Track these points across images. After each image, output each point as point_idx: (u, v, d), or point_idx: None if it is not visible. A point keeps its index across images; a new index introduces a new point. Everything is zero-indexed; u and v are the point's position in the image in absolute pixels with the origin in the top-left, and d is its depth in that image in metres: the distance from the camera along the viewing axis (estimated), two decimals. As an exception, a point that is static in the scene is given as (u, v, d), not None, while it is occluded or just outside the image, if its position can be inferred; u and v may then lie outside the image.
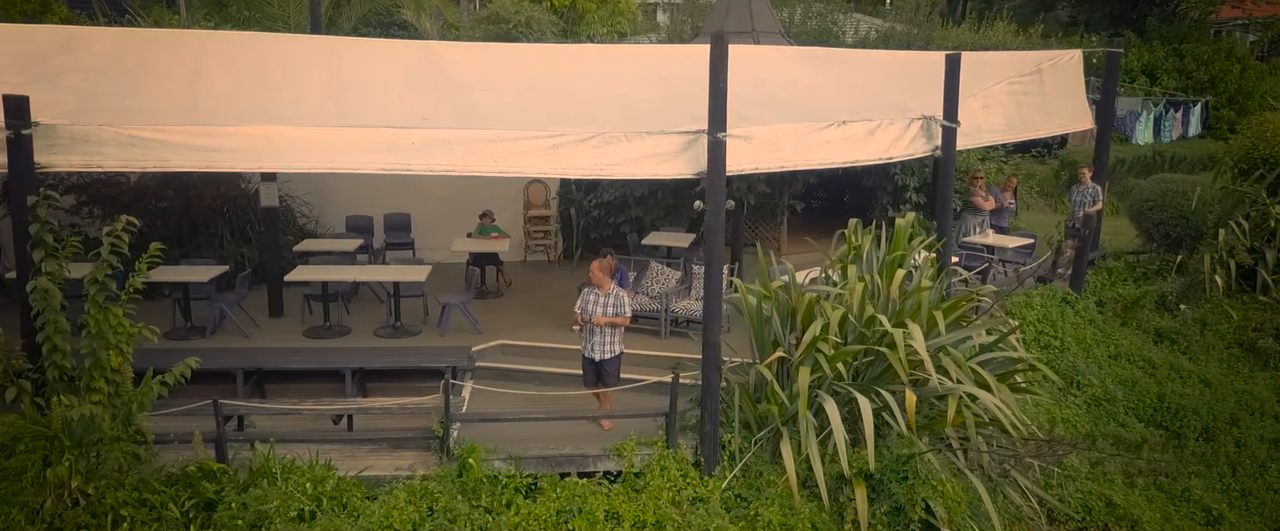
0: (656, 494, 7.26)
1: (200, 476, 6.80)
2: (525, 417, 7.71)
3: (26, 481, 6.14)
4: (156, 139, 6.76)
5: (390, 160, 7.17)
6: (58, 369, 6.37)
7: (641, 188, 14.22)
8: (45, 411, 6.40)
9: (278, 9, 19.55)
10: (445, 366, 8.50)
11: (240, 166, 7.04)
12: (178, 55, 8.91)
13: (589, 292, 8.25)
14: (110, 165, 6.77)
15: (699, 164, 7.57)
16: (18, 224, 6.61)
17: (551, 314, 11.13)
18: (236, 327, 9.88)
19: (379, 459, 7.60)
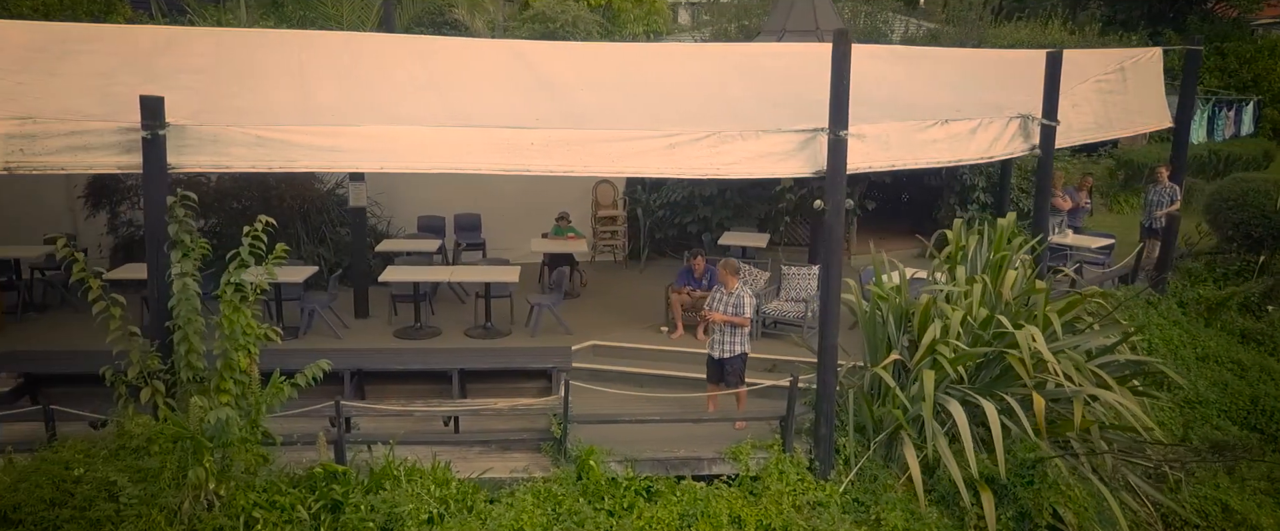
0: (777, 498, 7.16)
1: (326, 478, 6.76)
2: (643, 419, 7.63)
3: (164, 483, 6.11)
4: (282, 139, 6.73)
5: (509, 161, 7.11)
6: (192, 370, 6.34)
7: (710, 187, 14.14)
8: (175, 412, 6.39)
9: (332, 9, 19.60)
10: (548, 367, 8.45)
11: (362, 166, 7.00)
12: (279, 55, 8.90)
13: (716, 292, 8.19)
14: (238, 166, 6.73)
15: (817, 162, 7.47)
16: (150, 224, 6.60)
17: (631, 314, 11.07)
18: (328, 328, 9.86)
19: (490, 460, 7.54)
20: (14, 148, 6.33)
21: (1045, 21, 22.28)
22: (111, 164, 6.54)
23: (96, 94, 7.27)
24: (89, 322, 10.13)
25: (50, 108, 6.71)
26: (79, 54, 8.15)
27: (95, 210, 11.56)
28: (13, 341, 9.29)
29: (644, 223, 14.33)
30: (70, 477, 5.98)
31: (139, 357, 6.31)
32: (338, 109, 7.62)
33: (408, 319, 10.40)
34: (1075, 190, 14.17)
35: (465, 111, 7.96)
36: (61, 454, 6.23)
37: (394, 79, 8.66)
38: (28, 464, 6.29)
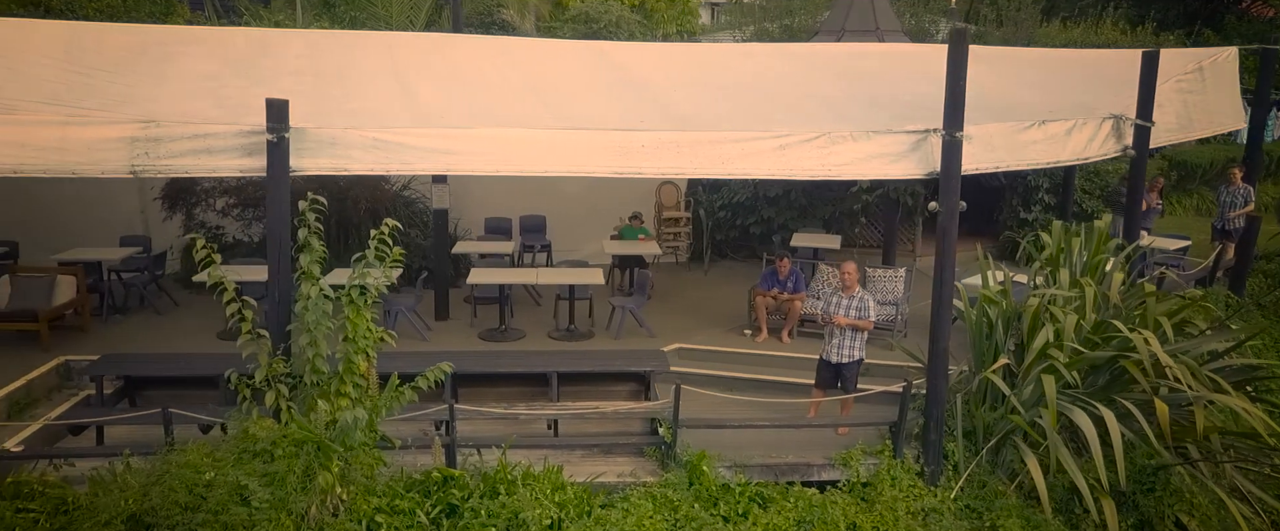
0: (891, 504, 7.08)
1: (442, 482, 6.72)
2: (752, 424, 7.57)
3: (290, 487, 6.08)
4: (399, 142, 6.70)
5: (620, 163, 7.05)
6: (317, 373, 6.32)
7: (775, 188, 14.04)
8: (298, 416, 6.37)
9: (382, 9, 19.62)
10: (643, 371, 8.39)
11: (477, 169, 6.94)
12: (371, 56, 8.89)
13: (832, 295, 8.10)
14: (356, 169, 6.71)
15: (929, 164, 7.38)
16: (273, 227, 6.58)
17: (706, 316, 11.00)
18: (413, 331, 9.84)
19: (594, 464, 7.49)
20: (139, 151, 6.33)
21: (1096, 21, 22.03)
22: (233, 167, 6.54)
23: (209, 97, 7.27)
24: (170, 324, 10.31)
25: (163, 111, 6.72)
26: (180, 56, 8.16)
27: (172, 212, 11.58)
28: (101, 344, 9.30)
29: (706, 224, 14.26)
30: (201, 481, 5.96)
31: (266, 361, 6.29)
32: (443, 111, 7.60)
33: (489, 321, 10.37)
34: (1146, 191, 13.98)
35: (567, 113, 7.92)
36: (188, 457, 6.20)
37: (489, 80, 8.62)
38: (155, 467, 6.27)
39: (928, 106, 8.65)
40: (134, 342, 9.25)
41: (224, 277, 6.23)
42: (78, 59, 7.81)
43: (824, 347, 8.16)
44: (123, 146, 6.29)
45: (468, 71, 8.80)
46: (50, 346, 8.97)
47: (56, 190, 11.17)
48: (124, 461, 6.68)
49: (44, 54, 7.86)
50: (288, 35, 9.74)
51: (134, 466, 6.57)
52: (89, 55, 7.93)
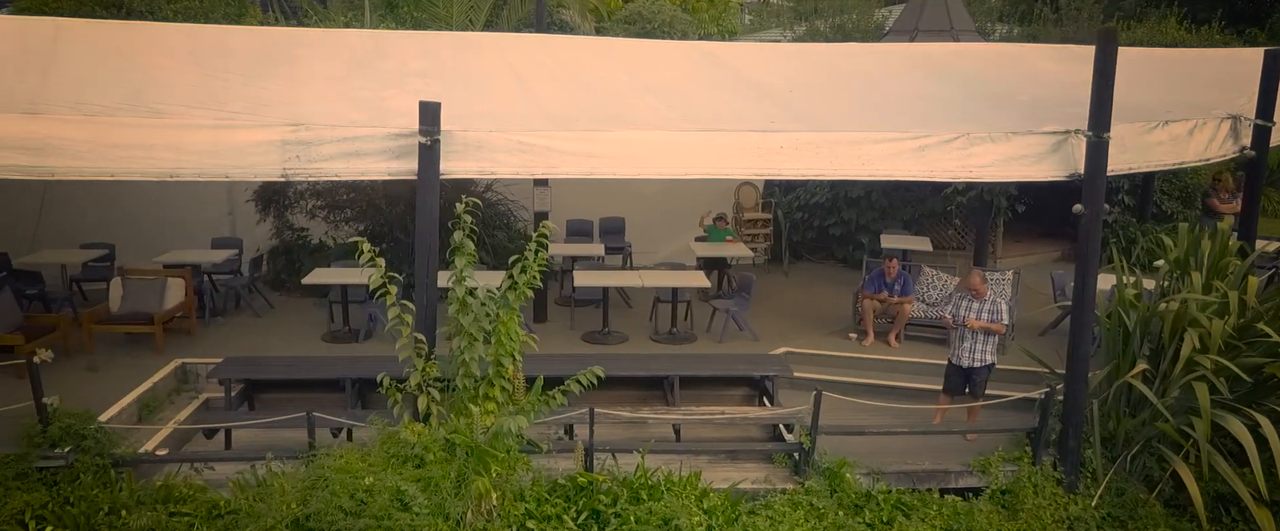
0: (1037, 513, 6.95)
1: (584, 486, 6.66)
2: (889, 430, 7.46)
3: (445, 493, 6.04)
4: (543, 145, 6.65)
5: (759, 165, 6.98)
6: (470, 377, 6.27)
7: (856, 189, 13.91)
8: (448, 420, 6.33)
9: (443, 10, 19.63)
10: (762, 375, 8.30)
11: (619, 172, 6.88)
12: (486, 57, 8.86)
13: (961, 299, 7.98)
14: (502, 172, 6.67)
15: (1070, 165, 7.26)
16: (422, 230, 6.55)
17: (802, 318, 10.89)
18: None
19: (721, 470, 7.40)
20: (290, 154, 6.30)
21: (1159, 21, 21.72)
22: (381, 170, 6.51)
23: (343, 99, 7.25)
24: (270, 326, 10.30)
25: (306, 114, 6.68)
26: (303, 59, 8.15)
27: (265, 215, 11.59)
28: (210, 346, 9.31)
29: (784, 225, 14.14)
30: (361, 486, 5.91)
31: (421, 365, 6.25)
32: (571, 113, 7.54)
33: (588, 324, 10.30)
34: (1218, 192, 13.77)
35: (692, 114, 7.83)
36: (343, 462, 6.16)
37: (604, 81, 8.56)
38: (306, 471, 6.24)
39: (1050, 107, 8.54)
40: (240, 345, 9.24)
41: (387, 283, 6.17)
42: (205, 62, 7.81)
43: (952, 352, 8.03)
44: (274, 149, 6.27)
45: (580, 72, 8.74)
46: (164, 348, 8.98)
47: (143, 192, 11.18)
48: (267, 466, 6.67)
49: (172, 57, 7.87)
50: (401, 37, 9.72)
51: (277, 470, 6.57)
52: (215, 58, 7.92)
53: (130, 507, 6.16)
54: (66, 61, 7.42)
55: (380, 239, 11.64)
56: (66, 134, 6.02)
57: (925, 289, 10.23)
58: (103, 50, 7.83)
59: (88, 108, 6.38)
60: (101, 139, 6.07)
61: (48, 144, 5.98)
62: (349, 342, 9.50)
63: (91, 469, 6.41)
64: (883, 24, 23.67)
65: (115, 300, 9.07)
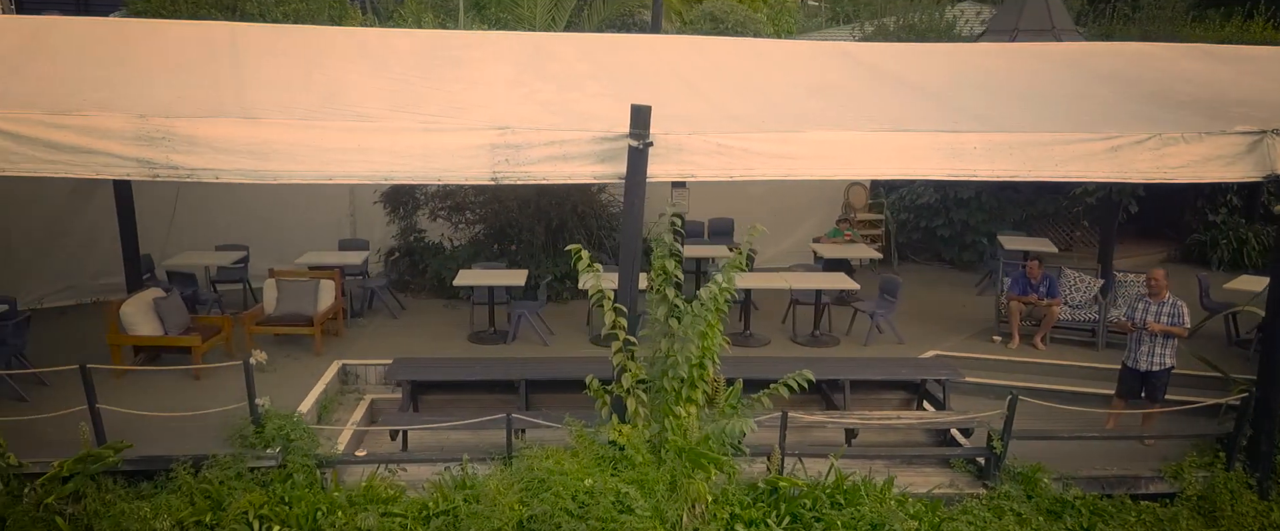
0: (1238, 520, 6.83)
1: (776, 490, 6.63)
2: (1080, 436, 7.37)
3: (659, 496, 6.03)
4: (741, 147, 6.62)
5: (954, 165, 6.90)
6: (677, 380, 6.26)
7: (967, 189, 13.79)
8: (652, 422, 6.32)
9: (527, 11, 19.71)
10: (939, 379, 8.25)
11: (816, 173, 6.85)
12: (647, 58, 8.84)
13: (1137, 301, 7.87)
14: (702, 175, 6.64)
15: (1266, 166, 7.11)
16: (628, 233, 6.55)
17: (936, 321, 10.78)
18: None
19: (897, 475, 7.33)
20: (500, 158, 6.32)
21: (1245, 18, 21.33)
22: (587, 173, 6.51)
23: (531, 102, 7.25)
24: (412, 327, 10.34)
25: (498, 116, 6.70)
26: (468, 61, 8.17)
27: (394, 216, 11.67)
28: (361, 347, 9.38)
29: (892, 226, 14.05)
30: (582, 488, 5.92)
31: (632, 367, 6.25)
32: (747, 115, 7.48)
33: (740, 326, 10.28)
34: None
35: (867, 114, 7.74)
36: (553, 463, 6.18)
37: (767, 82, 8.51)
38: (517, 473, 6.26)
39: (1215, 106, 8.36)
40: (390, 346, 9.27)
41: (603, 288, 6.18)
42: (381, 63, 7.85)
43: (1128, 355, 7.91)
44: (484, 153, 6.29)
45: (737, 72, 8.70)
46: (323, 350, 9.06)
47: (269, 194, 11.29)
48: (463, 467, 6.71)
49: (346, 59, 7.92)
50: (555, 39, 9.73)
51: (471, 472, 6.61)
52: (388, 60, 7.97)
53: (344, 508, 6.20)
54: (252, 65, 7.49)
55: (507, 240, 11.73)
56: (287, 138, 6.08)
57: (1068, 291, 10.09)
58: (279, 53, 7.90)
59: (295, 111, 6.44)
60: (319, 143, 6.13)
61: (270, 148, 6.05)
62: (496, 343, 9.53)
63: (301, 469, 6.48)
64: (953, 24, 23.48)
65: (270, 301, 9.16)
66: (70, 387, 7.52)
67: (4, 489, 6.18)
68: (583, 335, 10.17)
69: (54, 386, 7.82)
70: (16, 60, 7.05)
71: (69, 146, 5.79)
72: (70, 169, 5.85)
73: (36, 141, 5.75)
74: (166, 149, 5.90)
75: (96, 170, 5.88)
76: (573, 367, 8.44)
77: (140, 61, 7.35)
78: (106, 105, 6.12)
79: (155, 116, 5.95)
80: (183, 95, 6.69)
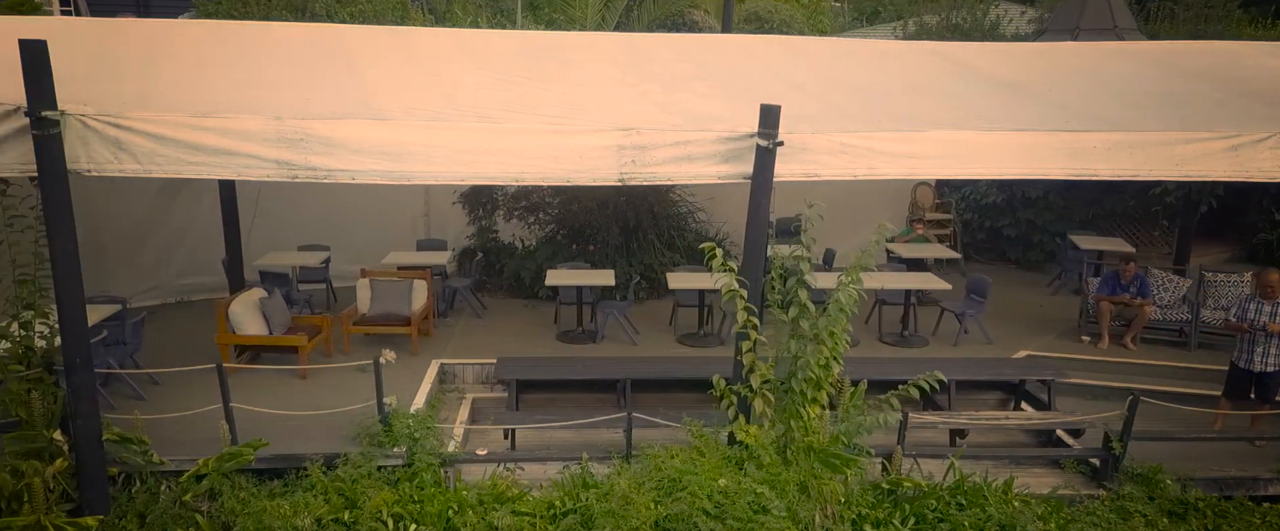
0: (1365, 522, 6.77)
1: (907, 492, 6.62)
2: (1200, 437, 7.32)
3: (790, 496, 6.04)
4: (863, 146, 6.62)
5: (1075, 165, 6.87)
6: (806, 381, 6.26)
7: (1035, 189, 13.71)
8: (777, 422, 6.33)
9: (578, 12, 19.77)
10: (1045, 379, 8.22)
11: (940, 172, 6.84)
12: (735, 58, 8.82)
13: (1249, 302, 7.80)
14: (825, 174, 6.64)
15: (1383, 165, 7.04)
16: (753, 234, 6.57)
17: (1016, 321, 10.72)
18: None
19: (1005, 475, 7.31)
20: (626, 159, 6.35)
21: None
22: (712, 174, 6.52)
23: (645, 102, 7.27)
24: (500, 326, 10.37)
25: (616, 118, 6.72)
26: (571, 61, 8.18)
27: (474, 217, 11.72)
28: (456, 347, 9.41)
29: (958, 225, 13.99)
30: (717, 489, 5.93)
31: (761, 368, 6.25)
32: (858, 113, 7.48)
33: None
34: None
35: (977, 113, 7.69)
36: (679, 462, 6.20)
37: (876, 81, 8.50)
38: (644, 472, 6.28)
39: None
40: (481, 345, 9.33)
41: (737, 293, 6.19)
42: (486, 63, 7.88)
43: (1239, 355, 7.84)
44: (611, 154, 6.32)
45: (835, 72, 8.67)
46: (419, 349, 9.11)
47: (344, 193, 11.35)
48: (582, 467, 6.73)
49: (452, 60, 7.96)
50: (648, 39, 9.72)
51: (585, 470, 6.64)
52: (492, 60, 7.99)
53: (474, 506, 6.24)
54: (365, 66, 7.54)
55: (585, 240, 11.75)
56: (420, 139, 6.12)
57: (1156, 291, 10.02)
58: (388, 54, 7.95)
59: (421, 112, 6.48)
60: (451, 144, 6.17)
61: (404, 149, 6.10)
62: (585, 343, 9.55)
63: (427, 468, 6.52)
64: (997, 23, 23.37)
65: (364, 301, 9.22)
66: (179, 386, 7.64)
67: (141, 486, 6.26)
68: (666, 335, 10.17)
69: (165, 385, 7.93)
70: (138, 63, 7.13)
71: (211, 148, 5.86)
72: (212, 170, 5.91)
73: (180, 143, 5.81)
74: (305, 151, 5.95)
75: (238, 171, 5.94)
76: (673, 367, 8.53)
77: (259, 63, 7.42)
78: (239, 107, 6.18)
79: (291, 118, 6.01)
80: (308, 96, 6.75)
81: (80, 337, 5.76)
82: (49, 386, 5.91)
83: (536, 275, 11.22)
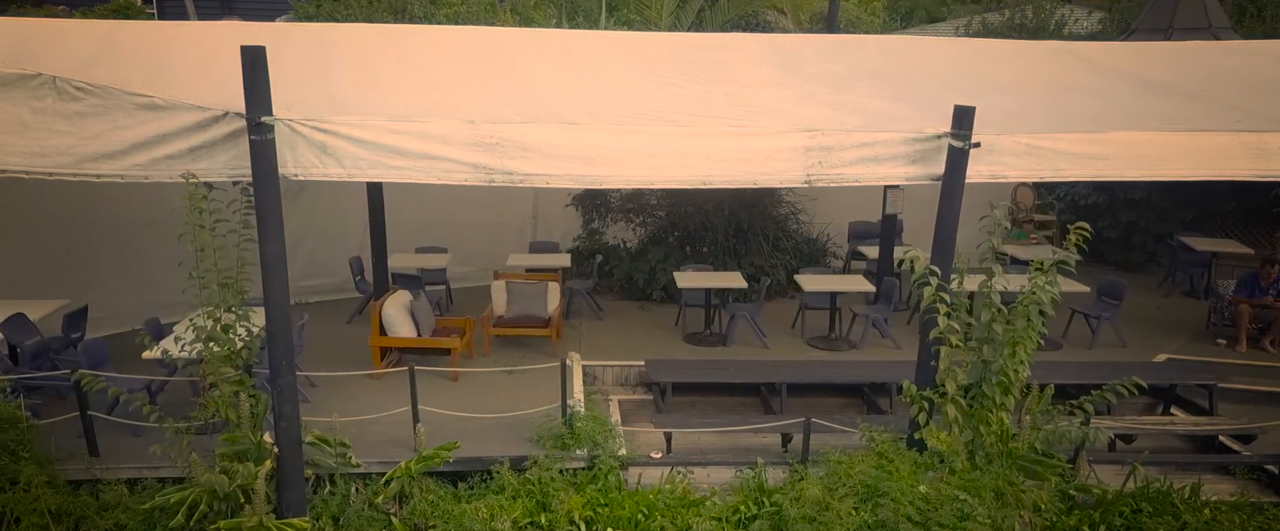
0: None
1: (1084, 500, 6.52)
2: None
3: (986, 503, 5.95)
4: (1050, 148, 6.54)
5: (1260, 165, 6.73)
6: (998, 387, 6.18)
7: (1137, 190, 13.53)
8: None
9: (654, 12, 19.77)
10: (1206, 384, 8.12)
11: (1125, 174, 6.74)
12: (875, 59, 8.75)
13: None
14: (1011, 175, 6.58)
15: None
16: (942, 234, 6.51)
17: (1133, 323, 10.57)
18: (891, 339, 9.73)
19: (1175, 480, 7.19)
20: (813, 160, 6.31)
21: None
22: (899, 175, 6.48)
23: (816, 103, 7.23)
24: (624, 326, 10.34)
25: (794, 119, 6.68)
26: (725, 63, 8.16)
27: (588, 221, 11.74)
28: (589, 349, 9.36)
29: (1061, 226, 13.83)
30: (918, 496, 5.87)
31: (958, 373, 6.19)
32: (1031, 115, 7.38)
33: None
34: None
35: (1147, 113, 7.58)
36: (864, 468, 6.15)
37: (1029, 82, 8.39)
38: (843, 477, 6.23)
39: None
40: (612, 346, 9.30)
41: (937, 294, 6.13)
42: (643, 66, 7.87)
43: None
44: (798, 156, 6.29)
45: (981, 72, 8.57)
46: (555, 351, 9.12)
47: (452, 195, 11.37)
48: (758, 471, 6.70)
49: (610, 62, 7.96)
50: (790, 39, 9.71)
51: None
52: (646, 62, 7.94)
53: (661, 510, 6.22)
54: (527, 68, 7.56)
55: (699, 242, 11.72)
56: (609, 143, 6.12)
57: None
58: (543, 55, 7.97)
59: (605, 116, 6.48)
60: (640, 148, 6.16)
61: (595, 153, 6.09)
62: (715, 346, 9.52)
63: (610, 470, 6.52)
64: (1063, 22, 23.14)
65: (500, 303, 9.23)
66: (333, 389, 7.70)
67: (330, 489, 6.30)
68: (790, 337, 10.11)
69: (320, 386, 7.98)
70: (311, 67, 7.18)
71: (412, 152, 5.88)
72: (412, 174, 5.92)
73: (382, 147, 5.84)
74: (501, 155, 5.96)
75: (437, 176, 5.95)
76: (827, 371, 8.50)
77: (425, 66, 7.45)
78: (424, 111, 6.20)
79: (484, 122, 6.02)
80: (484, 99, 6.77)
81: (286, 341, 5.81)
82: (250, 388, 5.95)
83: (649, 277, 11.20)
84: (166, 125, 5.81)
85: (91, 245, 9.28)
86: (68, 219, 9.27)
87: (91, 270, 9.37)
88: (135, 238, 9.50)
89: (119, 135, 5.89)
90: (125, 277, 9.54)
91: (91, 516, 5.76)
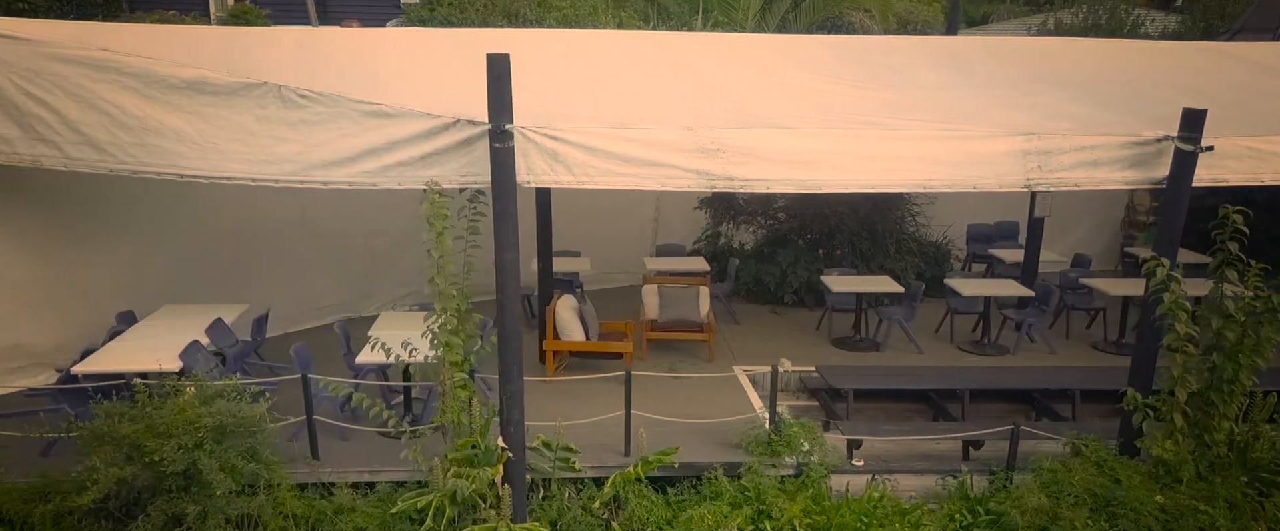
0: None
1: None
2: None
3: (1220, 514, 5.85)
4: (1269, 150, 6.50)
5: None
6: (1228, 395, 6.07)
7: (1260, 192, 13.16)
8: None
9: (740, 15, 19.72)
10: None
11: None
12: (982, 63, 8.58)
13: None
14: (1233, 178, 6.63)
15: None
16: (1168, 236, 6.41)
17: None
18: (1043, 343, 9.60)
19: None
20: (1032, 164, 6.24)
21: None
22: (1119, 179, 6.40)
23: (1012, 107, 7.13)
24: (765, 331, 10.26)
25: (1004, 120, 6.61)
26: (893, 66, 8.11)
27: (716, 224, 11.71)
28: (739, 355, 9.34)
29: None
30: (1156, 506, 5.77)
31: (1190, 381, 6.08)
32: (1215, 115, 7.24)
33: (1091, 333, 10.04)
34: None
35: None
36: (1083, 476, 6.07)
37: (1192, 83, 8.25)
38: (1066, 486, 6.14)
39: None
40: (762, 351, 9.24)
41: (1179, 301, 6.03)
42: (815, 67, 7.85)
43: None
44: (1016, 160, 6.22)
45: (1136, 72, 8.44)
46: (711, 355, 9.10)
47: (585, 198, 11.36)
48: (962, 480, 6.63)
49: (783, 66, 7.93)
50: (950, 39, 9.64)
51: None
52: (818, 65, 7.95)
53: (879, 519, 6.17)
54: (709, 73, 7.55)
55: (831, 245, 11.64)
56: (826, 148, 6.11)
57: None
58: (715, 59, 7.98)
59: (811, 120, 6.45)
60: (859, 152, 6.14)
61: (814, 158, 6.07)
62: (867, 350, 9.43)
63: (821, 477, 6.48)
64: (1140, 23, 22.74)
65: (652, 307, 9.20)
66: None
67: (546, 493, 6.31)
68: (938, 341, 9.99)
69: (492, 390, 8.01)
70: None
71: (638, 159, 5.88)
72: (638, 181, 5.93)
73: (609, 154, 5.85)
74: (723, 161, 5.94)
75: (661, 182, 5.95)
76: (998, 377, 8.39)
77: (607, 71, 7.46)
78: (640, 118, 6.20)
79: (701, 128, 6.01)
80: (681, 104, 6.76)
81: (515, 345, 5.82)
82: (474, 392, 5.98)
83: (780, 280, 11.14)
84: (395, 133, 5.87)
85: (253, 248, 9.36)
86: (226, 224, 9.35)
87: (250, 273, 9.44)
88: (291, 241, 9.57)
89: (346, 142, 5.96)
90: (279, 280, 9.62)
91: (328, 519, 5.81)
